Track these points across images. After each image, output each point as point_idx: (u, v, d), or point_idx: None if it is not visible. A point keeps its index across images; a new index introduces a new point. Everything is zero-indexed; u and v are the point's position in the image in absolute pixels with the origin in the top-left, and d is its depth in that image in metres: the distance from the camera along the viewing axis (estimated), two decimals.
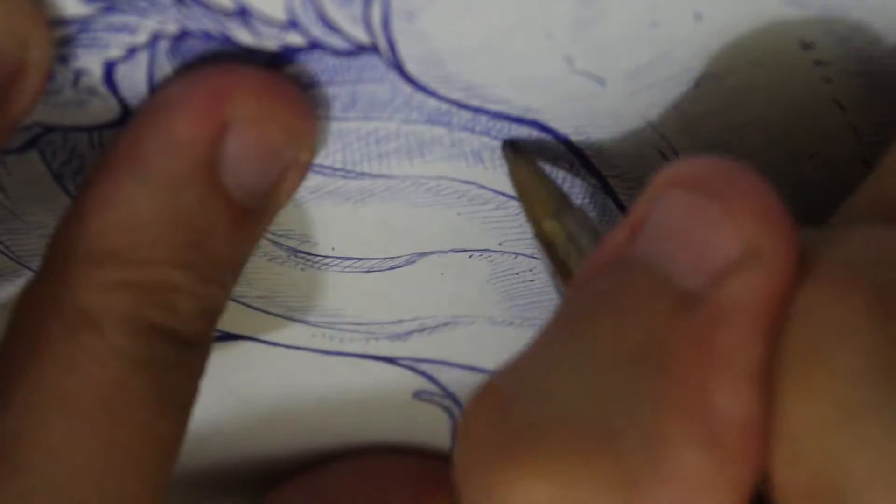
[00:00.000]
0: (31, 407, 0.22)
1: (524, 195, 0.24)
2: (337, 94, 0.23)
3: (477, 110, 0.23)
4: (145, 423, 0.22)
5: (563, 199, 0.24)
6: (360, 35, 0.21)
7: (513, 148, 0.24)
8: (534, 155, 0.24)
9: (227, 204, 0.22)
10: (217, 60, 0.22)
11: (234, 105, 0.22)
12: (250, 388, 0.31)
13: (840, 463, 0.16)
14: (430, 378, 0.31)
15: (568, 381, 0.18)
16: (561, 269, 0.23)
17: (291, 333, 0.29)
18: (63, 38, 0.21)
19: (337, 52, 0.22)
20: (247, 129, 0.22)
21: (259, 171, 0.22)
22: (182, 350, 0.22)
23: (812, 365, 0.17)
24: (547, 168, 0.24)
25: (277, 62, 0.22)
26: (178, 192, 0.22)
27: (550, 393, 0.18)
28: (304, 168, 0.23)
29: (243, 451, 0.33)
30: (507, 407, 0.18)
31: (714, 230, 0.18)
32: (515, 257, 0.27)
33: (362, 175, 0.24)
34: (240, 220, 0.23)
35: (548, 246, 0.23)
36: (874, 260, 0.18)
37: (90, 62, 0.22)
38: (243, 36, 0.21)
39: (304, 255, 0.26)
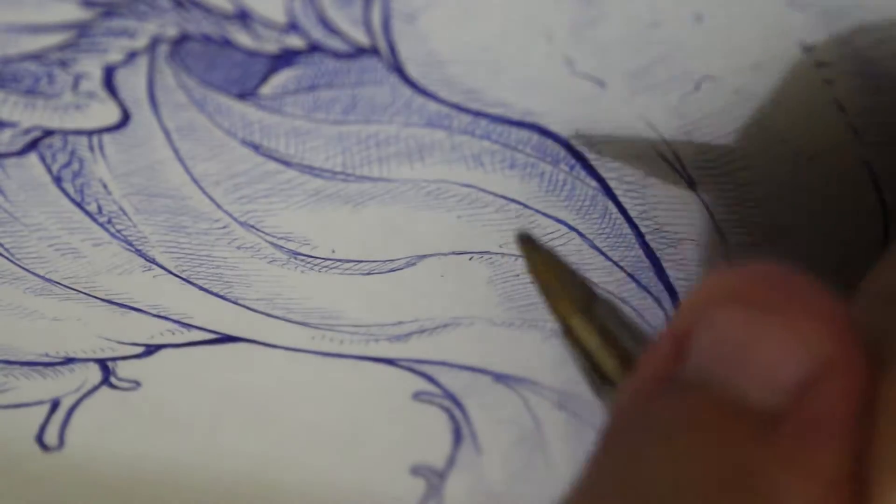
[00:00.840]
0: None
1: (547, 291, 0.23)
2: (337, 96, 0.23)
3: (477, 114, 0.23)
4: None
5: (588, 292, 0.22)
6: (361, 37, 0.21)
7: (529, 241, 0.23)
8: (551, 246, 0.23)
9: None
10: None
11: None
12: (250, 390, 0.31)
13: None
14: (430, 379, 0.31)
15: None
16: (592, 364, 0.22)
17: (292, 335, 0.29)
18: (63, 42, 0.21)
19: (337, 55, 0.22)
20: None
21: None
22: None
23: None
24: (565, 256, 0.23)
25: (278, 65, 0.22)
26: None
27: None
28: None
29: (240, 452, 0.33)
30: None
31: (782, 347, 0.17)
32: (516, 259, 0.27)
33: (362, 178, 0.24)
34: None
35: (577, 342, 0.22)
36: None
37: (90, 66, 0.22)
38: (243, 39, 0.21)
39: (304, 258, 0.26)
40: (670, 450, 0.17)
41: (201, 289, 0.27)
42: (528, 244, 0.23)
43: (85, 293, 0.27)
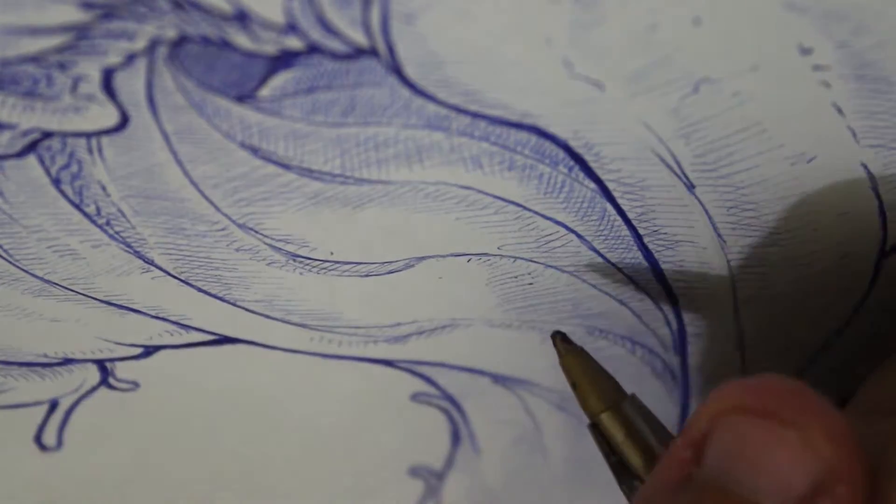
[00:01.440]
0: None
1: (579, 388, 0.25)
2: (336, 98, 0.22)
3: (476, 115, 0.23)
4: None
5: (617, 390, 0.25)
6: (359, 38, 0.21)
7: (564, 340, 0.25)
8: (582, 346, 0.25)
9: None
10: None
11: None
12: (249, 391, 0.31)
13: None
14: (429, 380, 0.31)
15: None
16: (619, 459, 0.24)
17: (290, 337, 0.29)
18: (62, 44, 0.21)
19: (336, 56, 0.22)
20: None
21: None
22: None
23: None
24: (596, 358, 0.26)
25: (276, 67, 0.22)
26: None
27: None
28: None
29: (241, 453, 0.33)
30: None
31: (794, 457, 0.19)
32: (514, 261, 0.27)
33: (361, 181, 0.24)
34: None
35: (605, 436, 0.25)
36: None
37: (89, 69, 0.22)
38: (242, 40, 0.21)
39: (302, 260, 0.26)
40: None
41: (200, 290, 0.27)
42: (563, 343, 0.25)
43: (83, 294, 0.27)
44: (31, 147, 0.23)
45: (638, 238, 0.26)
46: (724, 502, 0.20)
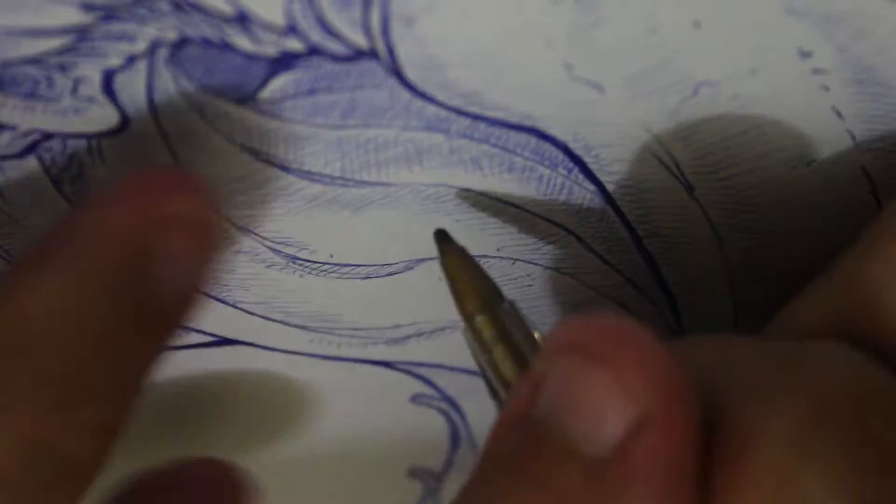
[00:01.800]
0: None
1: (455, 287, 0.24)
2: (336, 100, 0.23)
3: (476, 117, 0.23)
4: None
5: (494, 294, 0.24)
6: (360, 40, 0.21)
7: (443, 238, 0.24)
8: (464, 246, 0.24)
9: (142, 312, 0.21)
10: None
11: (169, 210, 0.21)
12: (248, 393, 0.31)
13: None
14: (428, 382, 0.31)
15: None
16: (488, 365, 0.24)
17: (289, 338, 0.29)
18: (62, 46, 0.21)
19: (336, 58, 0.22)
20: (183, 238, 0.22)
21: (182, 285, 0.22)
22: (67, 470, 0.21)
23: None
24: (478, 259, 0.25)
25: (277, 69, 0.22)
26: (104, 287, 0.21)
27: None
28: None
29: (240, 455, 0.33)
30: None
31: (608, 398, 0.19)
32: (513, 263, 0.27)
33: (361, 183, 0.24)
34: (150, 330, 0.22)
35: (478, 340, 0.24)
36: (834, 406, 0.18)
37: (89, 71, 0.22)
38: (242, 42, 0.21)
39: (302, 262, 0.26)
40: (506, 484, 0.19)
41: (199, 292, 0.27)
42: (444, 241, 0.24)
43: None
44: (32, 148, 0.23)
45: (637, 240, 0.26)
46: (545, 447, 0.19)
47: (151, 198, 0.21)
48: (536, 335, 0.24)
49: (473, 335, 0.24)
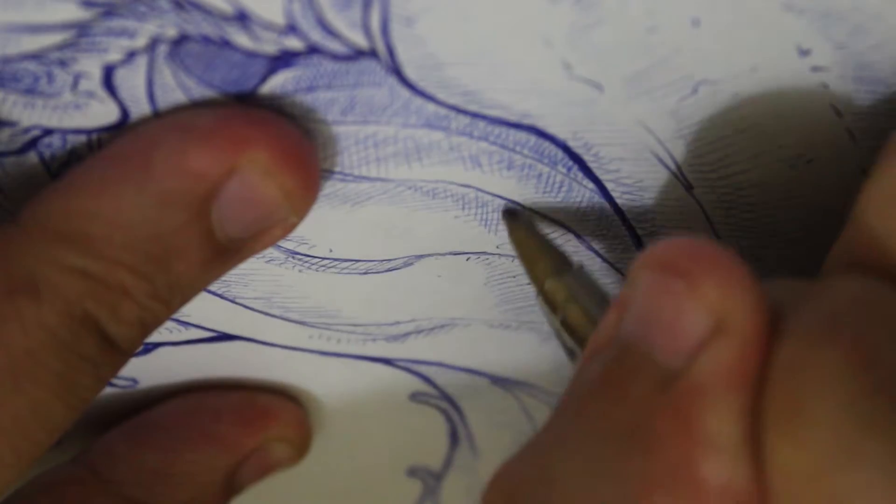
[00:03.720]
0: None
1: (525, 258, 0.25)
2: (335, 98, 0.23)
3: (475, 115, 0.23)
4: (41, 399, 0.22)
5: (562, 260, 0.25)
6: (359, 40, 0.21)
7: (511, 214, 0.25)
8: (531, 218, 0.25)
9: (206, 238, 0.23)
10: (247, 103, 0.22)
11: (249, 156, 0.22)
12: (247, 389, 0.31)
13: None
14: (427, 380, 0.31)
15: (567, 465, 0.19)
16: (564, 326, 0.24)
17: (289, 334, 0.29)
18: (63, 42, 0.21)
19: (336, 57, 0.22)
20: (252, 180, 0.22)
21: (247, 221, 0.23)
22: (103, 349, 0.23)
23: (795, 419, 0.18)
24: (545, 230, 0.26)
25: (277, 66, 0.22)
26: (168, 211, 0.22)
27: (552, 478, 0.19)
28: (290, 229, 0.24)
29: None
30: (515, 495, 0.19)
31: (682, 308, 0.19)
32: (513, 260, 0.27)
33: (360, 178, 0.24)
34: (212, 256, 0.23)
35: (550, 304, 0.24)
36: (846, 311, 0.18)
37: (89, 66, 0.22)
38: (242, 40, 0.21)
39: (301, 257, 0.26)
40: (587, 406, 0.19)
41: None
42: (511, 215, 0.25)
43: None
44: (32, 144, 0.23)
45: (636, 238, 0.26)
46: (624, 362, 0.19)
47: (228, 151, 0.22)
48: (607, 295, 0.24)
49: (545, 299, 0.25)
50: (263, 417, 0.30)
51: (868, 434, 0.17)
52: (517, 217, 0.25)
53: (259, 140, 0.22)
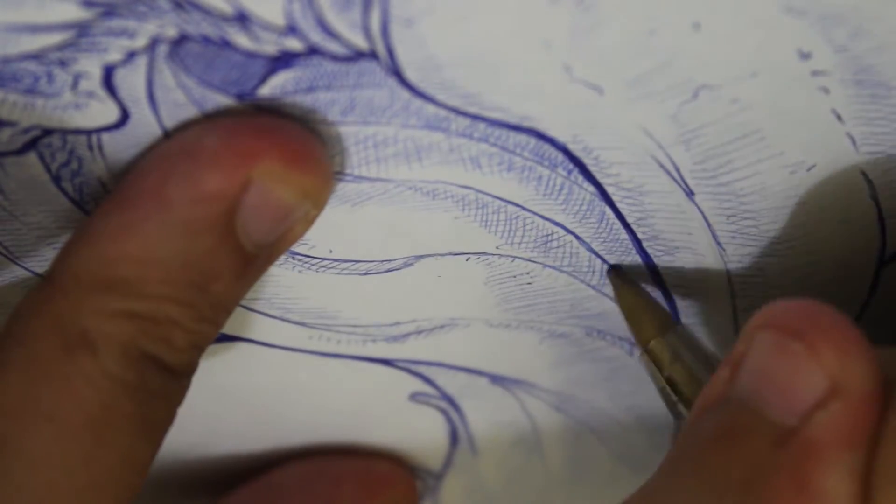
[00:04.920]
0: (20, 416, 0.22)
1: (631, 317, 0.26)
2: (335, 98, 0.23)
3: (475, 117, 0.23)
4: (126, 445, 0.23)
5: (666, 319, 0.26)
6: (359, 41, 0.21)
7: (617, 273, 0.26)
8: (637, 278, 0.26)
9: (236, 253, 0.23)
10: (247, 111, 0.23)
11: (261, 168, 0.23)
12: (247, 390, 0.31)
13: None
14: (427, 380, 0.31)
15: None
16: (668, 383, 0.25)
17: (289, 335, 0.29)
18: (63, 42, 0.21)
19: (336, 58, 0.22)
20: (268, 188, 0.23)
21: (271, 226, 0.23)
22: (168, 379, 0.23)
23: None
24: (649, 290, 0.26)
25: (276, 67, 0.22)
26: (194, 237, 0.23)
27: None
28: (313, 221, 0.24)
29: (239, 452, 0.33)
30: None
31: (800, 368, 0.20)
32: (513, 260, 0.27)
33: (360, 179, 0.24)
34: (244, 267, 0.24)
35: (655, 363, 0.25)
36: None
37: (89, 66, 0.22)
38: (242, 41, 0.21)
39: (301, 258, 0.26)
40: (701, 461, 0.20)
41: None
42: (617, 275, 0.26)
43: None
44: (32, 144, 0.23)
45: (637, 242, 0.26)
46: (739, 419, 0.20)
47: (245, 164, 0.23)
48: (715, 353, 0.26)
49: (651, 358, 0.26)
50: (381, 485, 0.32)
51: None
52: (622, 274, 0.26)
53: (267, 150, 0.23)
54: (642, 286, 0.26)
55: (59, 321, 0.23)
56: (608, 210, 0.25)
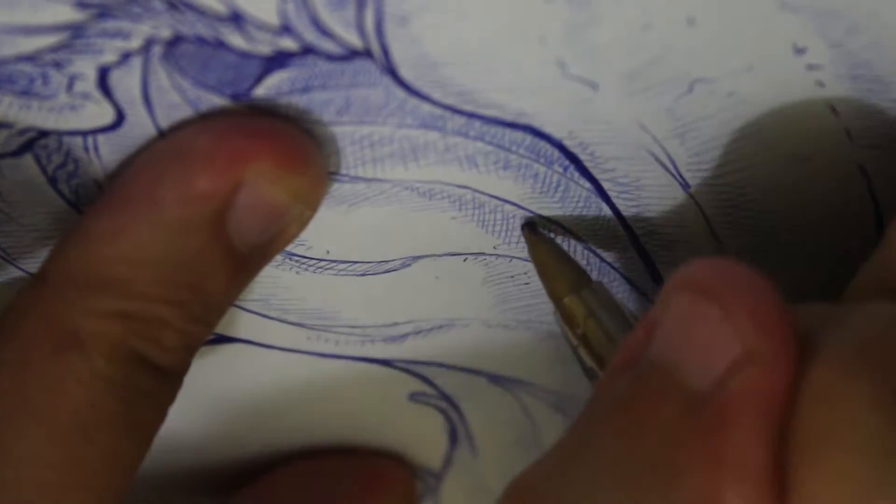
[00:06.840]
0: (8, 415, 0.22)
1: (544, 273, 0.25)
2: (331, 98, 0.23)
3: (471, 115, 0.23)
4: (113, 445, 0.23)
5: (581, 275, 0.25)
6: (354, 40, 0.21)
7: (531, 228, 0.25)
8: (552, 234, 0.25)
9: (228, 253, 0.23)
10: (240, 112, 0.23)
11: (253, 169, 0.23)
12: (246, 391, 0.31)
13: None
14: (426, 380, 0.31)
15: (587, 483, 0.19)
16: (582, 342, 0.24)
17: (287, 336, 0.29)
18: (57, 43, 0.21)
19: (330, 57, 0.22)
20: (260, 189, 0.23)
21: (263, 227, 0.23)
22: (158, 380, 0.23)
23: (824, 449, 0.18)
24: (565, 246, 0.26)
25: (271, 67, 0.22)
26: (186, 238, 0.23)
27: (572, 496, 0.19)
28: (306, 222, 0.24)
29: (238, 453, 0.33)
30: None
31: (715, 333, 0.19)
32: (510, 260, 0.27)
33: (356, 179, 0.24)
34: (237, 267, 0.24)
35: (568, 321, 0.24)
36: (878, 339, 0.18)
37: (84, 67, 0.22)
38: (237, 41, 0.21)
39: (299, 259, 0.26)
40: (611, 425, 0.19)
41: None
42: (531, 230, 0.25)
43: None
44: (28, 146, 0.23)
45: (634, 238, 0.26)
46: (650, 383, 0.19)
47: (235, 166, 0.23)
48: (630, 312, 0.25)
49: (564, 315, 0.25)
50: (381, 485, 0.32)
51: (892, 469, 0.17)
52: (537, 230, 0.25)
53: (259, 151, 0.23)
54: (559, 242, 0.25)
55: (49, 320, 0.23)
56: (605, 206, 0.25)
